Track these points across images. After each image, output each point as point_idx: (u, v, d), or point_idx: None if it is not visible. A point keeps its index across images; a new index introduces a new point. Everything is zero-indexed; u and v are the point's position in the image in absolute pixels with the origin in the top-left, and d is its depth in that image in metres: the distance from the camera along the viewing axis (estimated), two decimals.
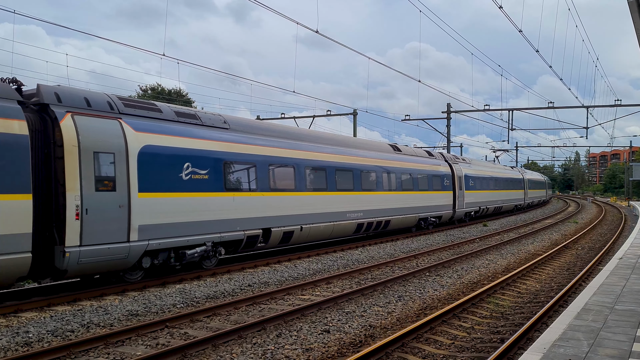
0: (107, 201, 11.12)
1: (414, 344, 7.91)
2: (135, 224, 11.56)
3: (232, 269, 14.43)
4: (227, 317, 9.58)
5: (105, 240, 10.93)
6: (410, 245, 20.95)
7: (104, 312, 9.70)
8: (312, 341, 8.06)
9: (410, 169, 24.13)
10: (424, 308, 10.41)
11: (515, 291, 12.00)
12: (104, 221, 11.01)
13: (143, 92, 48.98)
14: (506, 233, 26.54)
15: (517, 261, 16.87)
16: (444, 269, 14.92)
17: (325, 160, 18.33)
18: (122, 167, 11.43)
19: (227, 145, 14.11)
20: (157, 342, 8.01)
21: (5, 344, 7.80)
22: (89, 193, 10.74)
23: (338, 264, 15.92)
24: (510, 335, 8.10)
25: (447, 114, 41.05)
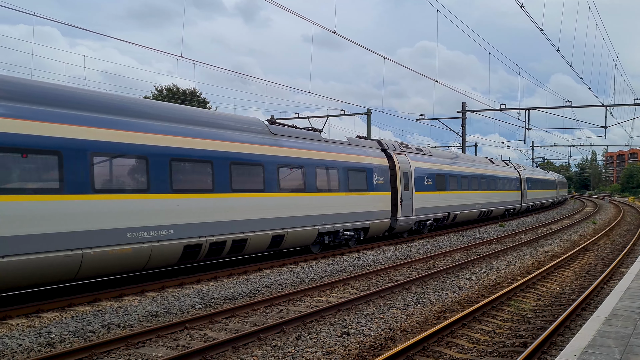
0: (408, 196, 22.11)
1: (435, 347, 7.84)
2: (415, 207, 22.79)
3: (249, 270, 14.44)
4: (245, 319, 9.57)
5: (406, 215, 21.62)
6: (426, 246, 20.82)
7: (124, 313, 9.74)
8: (332, 344, 8.02)
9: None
10: (443, 310, 10.32)
11: (536, 294, 11.85)
12: (405, 207, 21.88)
13: (158, 92, 49.26)
14: (523, 234, 26.28)
15: (536, 263, 16.69)
16: (462, 271, 14.79)
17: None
18: (410, 178, 22.38)
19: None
20: (178, 344, 8.02)
21: (28, 344, 7.86)
22: (404, 192, 21.78)
23: (354, 265, 15.86)
24: (533, 340, 7.99)
25: (462, 113, 40.77)
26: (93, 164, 10.70)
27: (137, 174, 11.65)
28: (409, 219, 22.19)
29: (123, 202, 11.23)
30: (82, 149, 10.52)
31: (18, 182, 9.57)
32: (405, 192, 21.80)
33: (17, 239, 9.38)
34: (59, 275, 10.24)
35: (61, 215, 10.07)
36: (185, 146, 12.67)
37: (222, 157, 13.56)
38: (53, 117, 10.24)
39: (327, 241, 17.70)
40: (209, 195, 13.15)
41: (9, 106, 9.66)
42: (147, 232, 11.60)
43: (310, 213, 16.41)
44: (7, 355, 7.44)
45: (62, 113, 10.46)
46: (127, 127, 11.54)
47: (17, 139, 9.55)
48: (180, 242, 12.27)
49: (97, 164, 10.79)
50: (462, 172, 28.57)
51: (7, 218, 9.28)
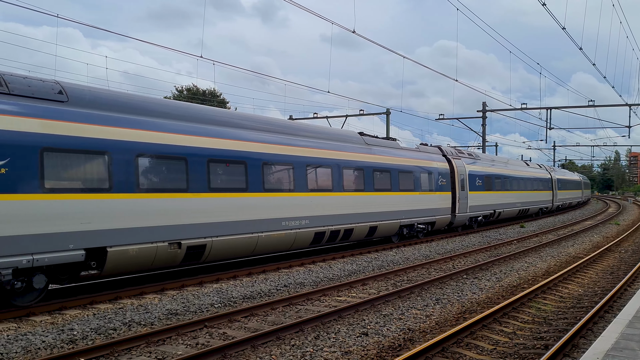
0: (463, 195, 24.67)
1: (454, 348, 7.78)
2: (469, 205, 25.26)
3: (268, 269, 14.50)
4: (264, 318, 9.61)
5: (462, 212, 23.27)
6: (445, 246, 20.68)
7: (145, 311, 9.86)
8: (351, 344, 8.01)
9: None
10: (463, 312, 10.24)
11: (557, 295, 11.70)
12: (461, 205, 24.20)
13: (179, 92, 49.71)
14: (545, 235, 25.95)
15: (557, 264, 16.46)
16: (482, 272, 14.66)
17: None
18: (465, 180, 24.56)
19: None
20: (197, 342, 8.08)
21: (51, 341, 8.00)
22: (460, 192, 24.09)
23: (373, 265, 15.82)
24: (555, 342, 7.88)
25: (482, 112, 40.39)
26: (264, 172, 14.26)
27: (286, 177, 15.26)
28: (464, 215, 25.26)
29: (280, 198, 14.73)
30: (258, 160, 14.17)
31: (223, 184, 13.11)
32: (462, 192, 24.80)
33: (231, 224, 13.12)
34: (247, 251, 13.99)
35: (247, 207, 13.65)
36: (318, 156, 16.36)
37: (337, 164, 17.07)
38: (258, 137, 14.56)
39: (405, 232, 20.97)
40: (330, 194, 16.65)
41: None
42: (293, 222, 15.10)
43: (394, 209, 19.82)
44: (30, 352, 7.58)
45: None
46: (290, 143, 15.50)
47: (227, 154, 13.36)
48: (312, 230, 15.78)
49: (267, 172, 14.46)
50: (505, 174, 31.81)
51: (221, 209, 12.95)
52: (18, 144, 9.28)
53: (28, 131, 9.44)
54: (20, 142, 9.30)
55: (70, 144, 10.06)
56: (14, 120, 9.31)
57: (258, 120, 15.95)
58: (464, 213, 25.10)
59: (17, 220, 9.15)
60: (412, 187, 21.00)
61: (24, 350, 7.59)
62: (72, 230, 9.94)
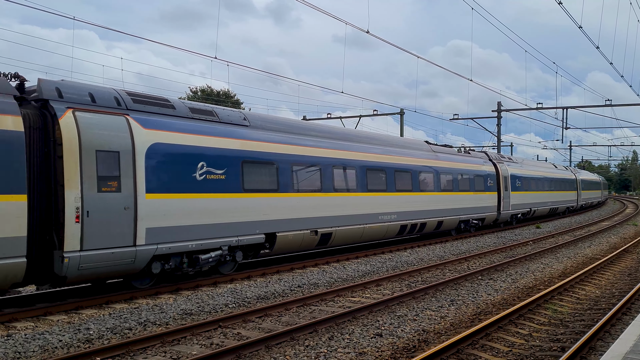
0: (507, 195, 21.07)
1: (469, 350, 7.72)
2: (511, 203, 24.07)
3: (282, 269, 14.52)
4: (278, 318, 9.62)
5: (506, 210, 14.86)
6: (460, 247, 20.55)
7: (160, 311, 9.92)
8: (365, 345, 7.99)
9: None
10: (478, 313, 10.16)
11: (574, 297, 11.56)
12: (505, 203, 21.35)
13: (193, 93, 50.00)
14: (561, 236, 25.67)
15: (574, 265, 16.28)
16: (497, 273, 14.54)
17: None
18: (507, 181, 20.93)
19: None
20: (212, 342, 8.11)
21: (68, 340, 8.08)
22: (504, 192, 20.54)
23: (387, 266, 15.77)
24: (571, 344, 7.79)
25: (497, 112, 40.07)
26: (367, 176, 17.69)
27: (382, 180, 18.52)
28: (507, 212, 28.48)
29: (378, 197, 18.11)
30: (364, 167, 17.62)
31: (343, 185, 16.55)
32: (505, 192, 27.94)
33: (347, 218, 16.53)
34: (357, 238, 17.53)
35: (357, 205, 17.02)
36: (402, 163, 19.82)
37: (414, 169, 20.41)
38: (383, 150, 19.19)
39: (462, 227, 24.05)
40: (410, 193, 19.90)
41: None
42: (386, 216, 18.37)
43: (455, 207, 23.03)
44: (48, 350, 7.66)
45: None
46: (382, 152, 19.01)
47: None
48: (399, 223, 19.08)
49: (369, 176, 17.78)
50: (538, 175, 34.86)
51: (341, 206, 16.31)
52: (230, 157, 12.93)
53: (234, 148, 13.06)
54: (231, 156, 12.94)
55: (255, 157, 13.67)
56: (225, 140, 12.93)
57: (361, 135, 19.96)
58: (507, 211, 28.41)
59: (231, 212, 12.80)
60: (468, 188, 24.35)
61: (42, 349, 7.68)
62: (257, 220, 13.54)
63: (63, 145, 9.72)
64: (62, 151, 9.70)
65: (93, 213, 9.98)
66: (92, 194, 10.01)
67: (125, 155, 10.58)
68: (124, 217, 10.51)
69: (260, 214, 13.61)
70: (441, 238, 22.91)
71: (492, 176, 26.88)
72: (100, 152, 10.21)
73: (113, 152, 10.42)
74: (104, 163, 10.26)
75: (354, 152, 17.28)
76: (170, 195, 11.47)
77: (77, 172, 9.80)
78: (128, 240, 10.57)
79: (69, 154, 9.76)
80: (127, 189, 10.60)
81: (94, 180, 10.05)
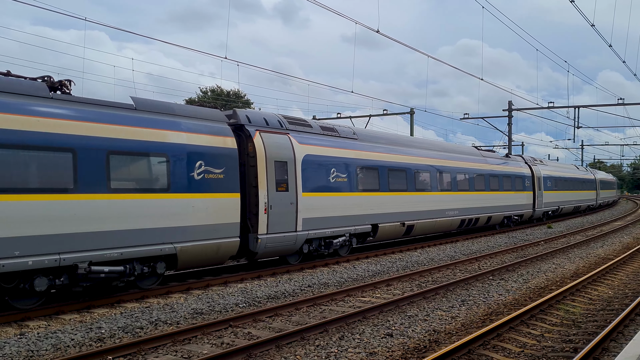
0: (540, 194, 26.51)
1: (480, 350, 7.68)
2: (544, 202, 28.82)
3: (292, 269, 14.53)
4: (288, 318, 9.63)
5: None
6: (470, 247, 20.46)
7: (171, 310, 9.96)
8: (375, 345, 7.97)
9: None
10: (489, 313, 10.10)
11: (587, 297, 11.46)
12: (539, 202, 27.14)
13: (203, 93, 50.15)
14: (573, 236, 25.47)
15: (586, 265, 16.14)
16: (509, 273, 14.46)
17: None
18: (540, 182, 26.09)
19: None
20: (222, 341, 8.13)
21: (80, 339, 8.14)
22: (538, 192, 26.04)
23: (397, 266, 15.73)
24: (584, 345, 7.72)
25: (508, 111, 39.80)
26: (438, 178, 21.29)
27: (448, 181, 22.11)
28: (541, 209, 32.17)
29: (445, 195, 21.73)
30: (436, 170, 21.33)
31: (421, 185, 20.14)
32: (539, 191, 31.55)
33: (424, 212, 20.00)
34: (430, 230, 21.17)
35: (431, 202, 20.54)
36: (461, 166, 23.29)
37: (470, 171, 23.95)
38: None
39: (505, 222, 27.74)
40: (467, 192, 23.42)
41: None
42: (451, 212, 21.90)
43: (501, 204, 26.65)
44: (60, 349, 7.72)
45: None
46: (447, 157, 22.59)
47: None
48: (459, 217, 22.61)
49: (440, 178, 21.44)
50: (564, 176, 38.26)
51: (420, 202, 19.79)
52: (349, 164, 16.48)
53: (350, 157, 16.61)
54: (350, 163, 16.51)
55: (364, 164, 17.25)
56: (345, 151, 16.51)
57: (430, 143, 23.87)
58: (541, 208, 31.99)
59: (350, 207, 16.39)
60: (510, 188, 27.89)
61: (54, 348, 7.74)
62: (366, 214, 17.01)
63: (256, 157, 13.25)
64: (255, 162, 13.27)
65: (274, 207, 13.61)
66: (273, 193, 13.60)
67: (290, 164, 14.22)
68: (290, 210, 14.20)
69: (368, 209, 17.08)
70: (451, 238, 22.83)
71: (528, 177, 30.31)
72: (276, 162, 13.80)
73: (283, 162, 14.01)
74: (279, 170, 13.86)
75: (429, 158, 21.10)
76: (316, 194, 15.15)
77: (264, 177, 13.38)
78: (292, 227, 14.25)
79: (260, 164, 13.31)
80: (292, 189, 14.23)
81: (274, 182, 13.64)
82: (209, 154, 11.95)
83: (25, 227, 8.94)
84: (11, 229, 8.76)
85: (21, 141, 8.99)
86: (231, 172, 12.41)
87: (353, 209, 16.42)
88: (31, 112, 9.21)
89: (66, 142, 9.52)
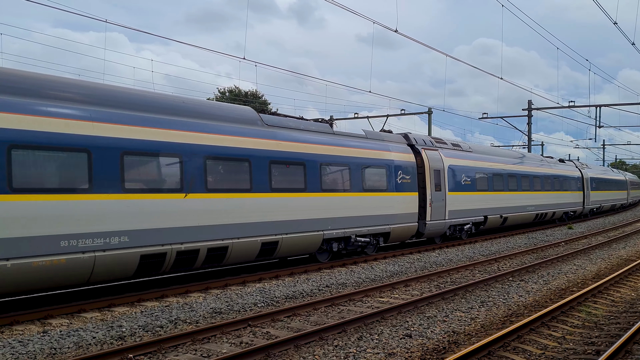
0: (587, 193, 33.83)
1: (501, 352, 7.60)
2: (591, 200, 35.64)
3: (310, 269, 14.54)
4: (307, 318, 9.63)
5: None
6: (489, 248, 20.28)
7: (190, 309, 10.04)
8: (394, 345, 7.94)
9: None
10: (509, 315, 10.00)
11: (609, 299, 11.28)
12: (587, 200, 34.66)
13: (221, 94, 50.43)
14: (594, 237, 25.10)
15: (608, 267, 15.89)
16: (529, 274, 14.30)
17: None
18: (587, 182, 33.43)
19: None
20: (241, 341, 8.17)
21: (101, 337, 8.24)
22: (586, 191, 33.52)
23: (415, 266, 15.65)
24: (607, 347, 7.61)
25: (528, 111, 39.36)
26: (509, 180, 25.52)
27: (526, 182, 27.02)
28: (588, 207, 37.02)
29: (525, 195, 26.70)
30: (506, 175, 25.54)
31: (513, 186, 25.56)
32: (587, 191, 36.19)
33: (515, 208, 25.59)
34: (521, 220, 26.67)
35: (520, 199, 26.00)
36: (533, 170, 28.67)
37: (539, 175, 28.97)
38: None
39: (564, 217, 32.96)
40: (540, 192, 28.80)
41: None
42: (530, 207, 26.84)
43: (562, 202, 31.85)
44: (82, 347, 7.83)
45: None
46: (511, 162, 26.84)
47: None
48: (535, 212, 27.47)
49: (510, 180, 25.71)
50: (604, 177, 42.91)
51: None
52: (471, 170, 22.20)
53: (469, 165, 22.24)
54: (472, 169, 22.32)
55: (479, 171, 22.83)
56: (466, 161, 22.18)
57: (496, 151, 28.89)
58: (589, 206, 37.11)
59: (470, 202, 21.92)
60: (568, 188, 32.85)
61: (76, 346, 7.85)
62: (481, 207, 22.75)
63: (424, 167, 18.90)
64: (423, 170, 18.85)
65: (433, 202, 19.20)
66: (433, 192, 19.22)
67: (442, 172, 19.75)
68: (442, 204, 19.76)
69: (481, 204, 22.80)
70: (470, 239, 22.66)
71: (579, 179, 35.28)
72: (434, 170, 19.36)
73: (438, 170, 19.56)
74: (435, 176, 19.38)
75: (516, 165, 26.61)
76: (455, 193, 20.61)
77: (429, 181, 18.98)
78: (443, 216, 19.88)
79: (426, 172, 18.93)
80: (443, 189, 19.80)
81: (433, 185, 19.19)
82: (403, 166, 17.89)
83: None
84: None
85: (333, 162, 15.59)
86: (415, 178, 18.45)
87: (475, 204, 21.98)
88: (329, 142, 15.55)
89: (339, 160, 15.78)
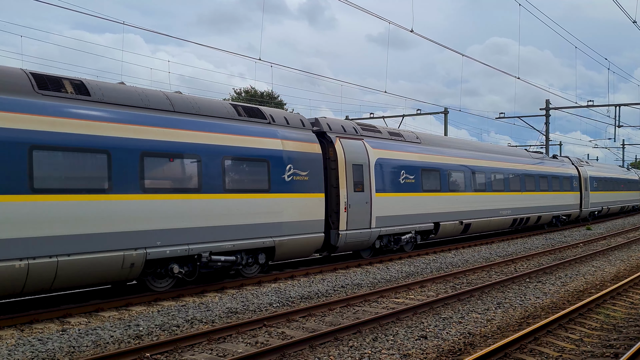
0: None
1: (517, 354, 7.54)
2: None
3: (325, 269, 14.56)
4: (322, 318, 9.65)
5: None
6: (506, 249, 20.10)
7: (206, 309, 10.11)
8: (409, 347, 7.92)
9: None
10: (526, 316, 9.91)
11: (628, 301, 11.12)
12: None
13: (237, 95, 50.65)
14: (613, 238, 24.76)
15: (627, 268, 15.67)
16: (546, 275, 14.15)
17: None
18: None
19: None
20: (257, 340, 8.21)
21: (119, 336, 8.35)
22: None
23: (431, 267, 15.58)
24: (626, 350, 7.51)
25: (545, 110, 38.93)
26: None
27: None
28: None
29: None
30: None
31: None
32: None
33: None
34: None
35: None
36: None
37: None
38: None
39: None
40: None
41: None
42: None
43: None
44: (100, 346, 7.93)
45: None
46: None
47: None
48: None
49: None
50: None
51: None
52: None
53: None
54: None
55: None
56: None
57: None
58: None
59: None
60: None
61: (94, 344, 7.95)
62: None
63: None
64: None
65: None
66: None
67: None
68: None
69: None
70: (486, 239, 22.48)
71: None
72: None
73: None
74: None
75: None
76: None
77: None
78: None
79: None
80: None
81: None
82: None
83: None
84: None
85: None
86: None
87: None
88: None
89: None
